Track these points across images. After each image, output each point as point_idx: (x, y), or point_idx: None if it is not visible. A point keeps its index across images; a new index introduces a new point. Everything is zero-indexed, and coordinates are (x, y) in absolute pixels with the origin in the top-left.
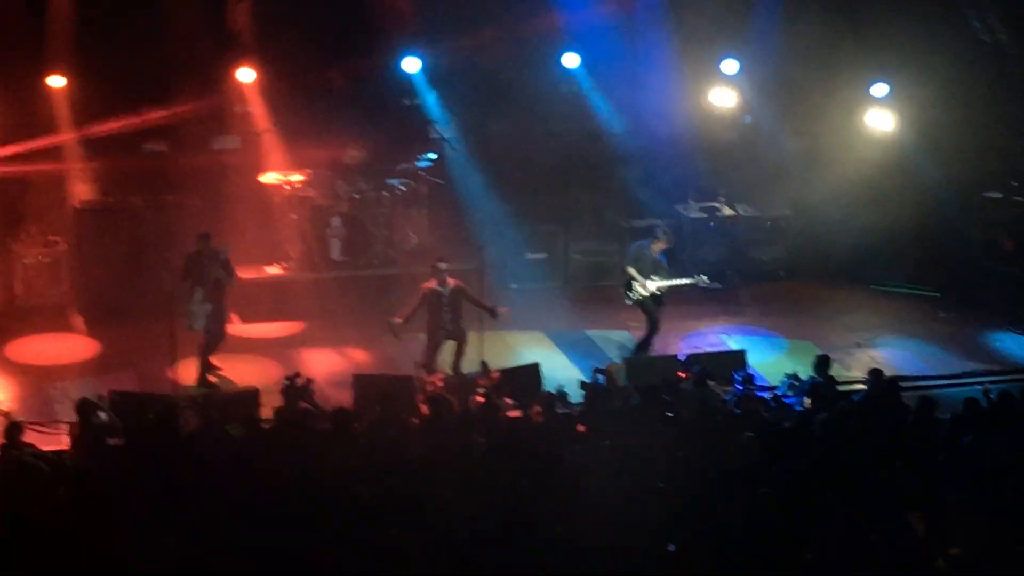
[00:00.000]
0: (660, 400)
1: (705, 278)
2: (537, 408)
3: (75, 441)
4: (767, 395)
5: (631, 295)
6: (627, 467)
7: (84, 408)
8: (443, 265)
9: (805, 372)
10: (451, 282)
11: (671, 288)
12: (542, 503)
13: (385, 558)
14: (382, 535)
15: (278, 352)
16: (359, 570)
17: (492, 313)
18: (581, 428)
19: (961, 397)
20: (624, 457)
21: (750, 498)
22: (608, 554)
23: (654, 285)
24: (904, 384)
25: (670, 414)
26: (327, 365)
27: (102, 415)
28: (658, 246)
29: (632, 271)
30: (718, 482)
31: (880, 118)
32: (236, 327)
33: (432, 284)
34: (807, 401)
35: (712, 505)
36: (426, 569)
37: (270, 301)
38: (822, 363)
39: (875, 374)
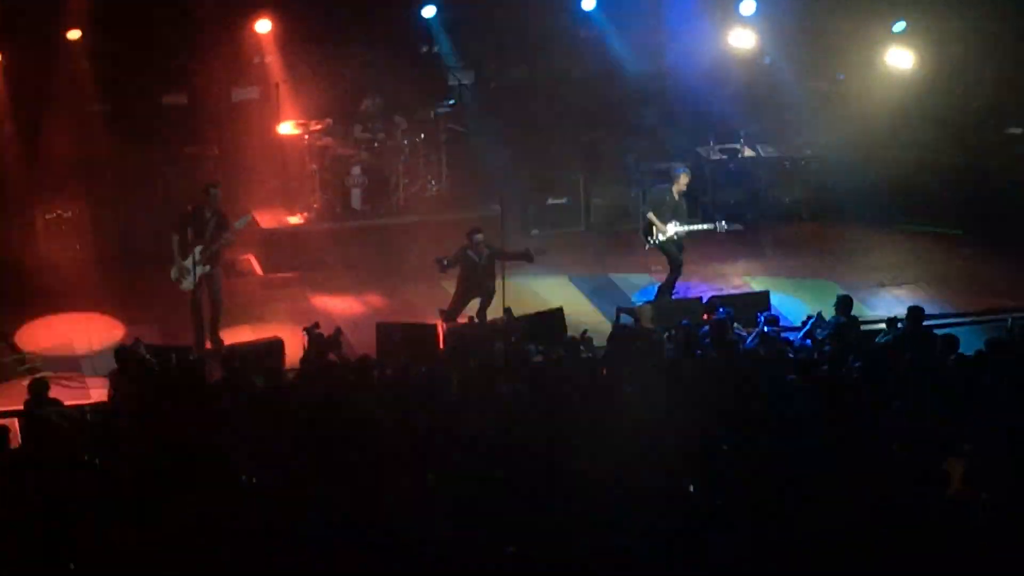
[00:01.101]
0: (684, 341)
1: (724, 224)
2: (561, 353)
3: (112, 391)
4: (792, 336)
5: (650, 240)
6: (651, 408)
7: (123, 356)
8: (479, 237)
9: (828, 312)
10: (485, 250)
11: (690, 233)
12: (567, 446)
13: (410, 503)
14: (408, 480)
15: (300, 302)
16: (384, 515)
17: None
18: (603, 371)
19: (985, 335)
20: (648, 398)
21: (779, 439)
22: (631, 494)
23: (673, 229)
24: (928, 323)
25: (697, 353)
26: (349, 314)
27: (144, 353)
28: (677, 189)
29: (651, 216)
30: (742, 422)
31: (900, 56)
32: (258, 278)
33: (468, 250)
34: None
35: (736, 445)
36: (452, 513)
37: (291, 251)
38: (845, 303)
39: (914, 312)
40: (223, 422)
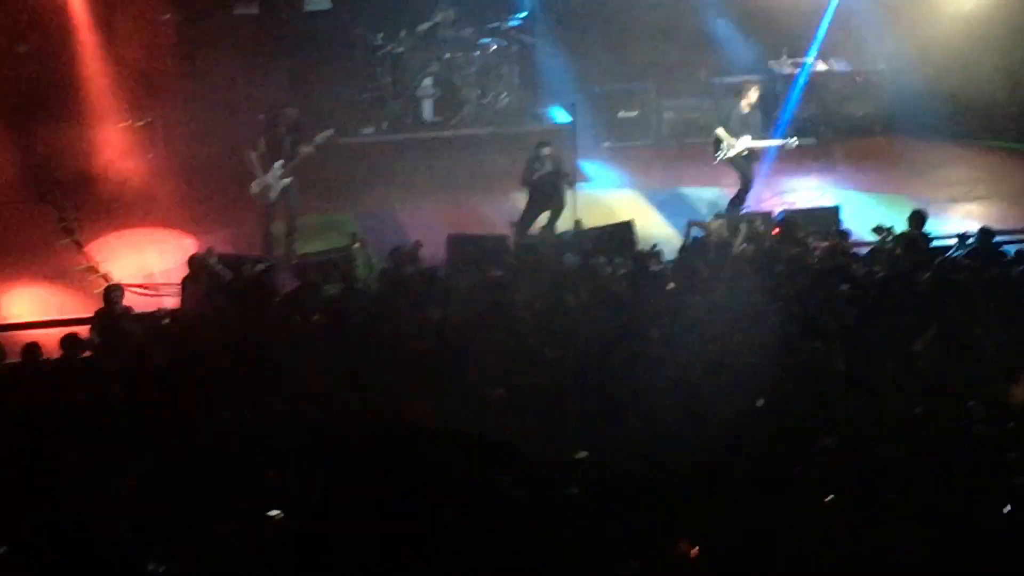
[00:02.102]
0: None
1: (795, 140)
2: (630, 266)
3: (185, 298)
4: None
5: (719, 154)
6: (718, 320)
7: (195, 264)
8: (546, 150)
9: (901, 227)
10: (553, 162)
11: (760, 148)
12: (635, 358)
13: (476, 412)
14: (471, 389)
15: (374, 214)
16: (452, 422)
17: (570, 182)
18: (671, 285)
19: None
20: (716, 310)
21: (845, 353)
22: (695, 409)
23: (742, 144)
24: (1000, 238)
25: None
26: (421, 225)
27: (215, 265)
28: (746, 103)
29: (720, 131)
30: (808, 337)
31: None
32: (331, 189)
33: (535, 162)
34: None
35: (806, 361)
36: (518, 424)
37: (364, 163)
38: (917, 218)
39: (984, 232)
40: (294, 331)
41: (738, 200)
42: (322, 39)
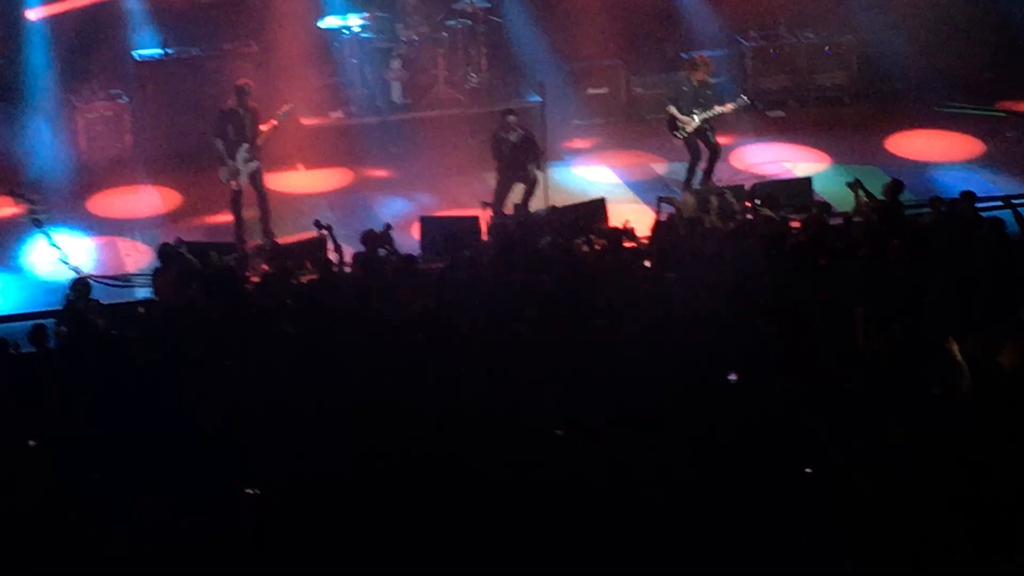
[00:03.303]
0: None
1: (744, 98)
2: (603, 242)
3: (157, 289)
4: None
5: (677, 134)
6: (693, 297)
7: (166, 253)
8: (512, 118)
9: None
10: (520, 130)
11: (716, 116)
12: (609, 336)
13: (446, 395)
14: (445, 373)
15: (344, 197)
16: (424, 407)
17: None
18: (647, 263)
19: None
20: (690, 287)
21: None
22: (669, 385)
23: (699, 118)
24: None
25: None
26: (393, 208)
27: (185, 253)
28: (697, 77)
29: (671, 109)
30: (785, 311)
31: None
32: (301, 174)
33: (501, 131)
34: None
35: (781, 334)
36: (489, 407)
37: (333, 147)
38: (895, 189)
39: (966, 196)
40: (264, 319)
41: (707, 173)
42: (290, 22)
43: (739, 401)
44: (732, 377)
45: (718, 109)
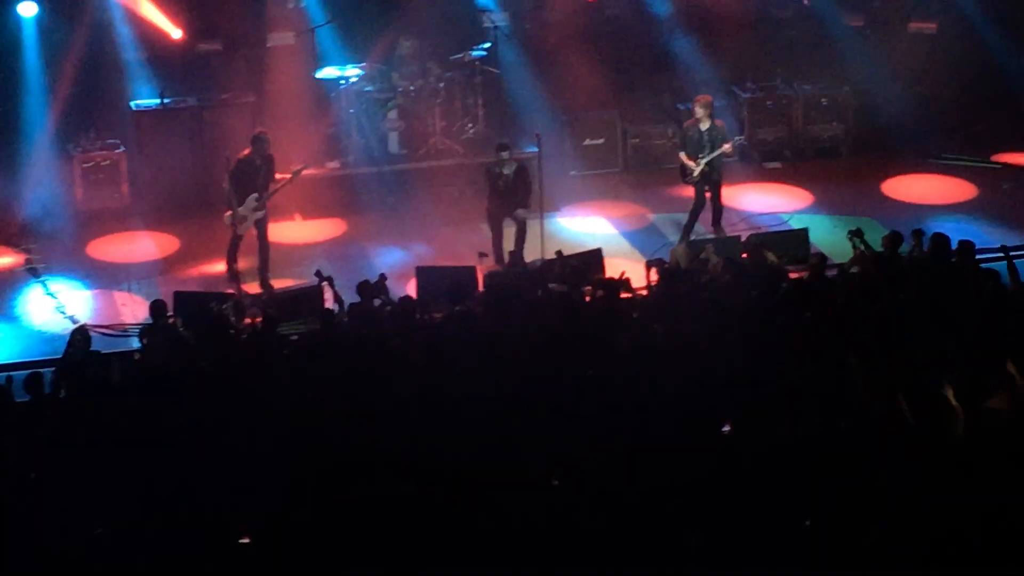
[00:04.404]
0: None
1: (740, 138)
2: (600, 293)
3: (147, 344)
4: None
5: (688, 180)
6: (683, 351)
7: (157, 310)
8: (504, 154)
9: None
10: (514, 164)
11: (717, 158)
12: (602, 384)
13: (439, 448)
14: (439, 425)
15: (340, 247)
16: (420, 455)
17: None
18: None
19: None
20: (679, 342)
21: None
22: (661, 438)
23: (703, 161)
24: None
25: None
26: (389, 258)
27: (172, 320)
28: (697, 123)
29: (682, 156)
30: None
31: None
32: (298, 224)
33: (494, 167)
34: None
35: (778, 382)
36: (488, 451)
37: (330, 197)
38: (895, 240)
39: (964, 246)
40: (257, 371)
41: (715, 220)
42: (287, 73)
43: (735, 451)
44: (725, 428)
45: (717, 152)
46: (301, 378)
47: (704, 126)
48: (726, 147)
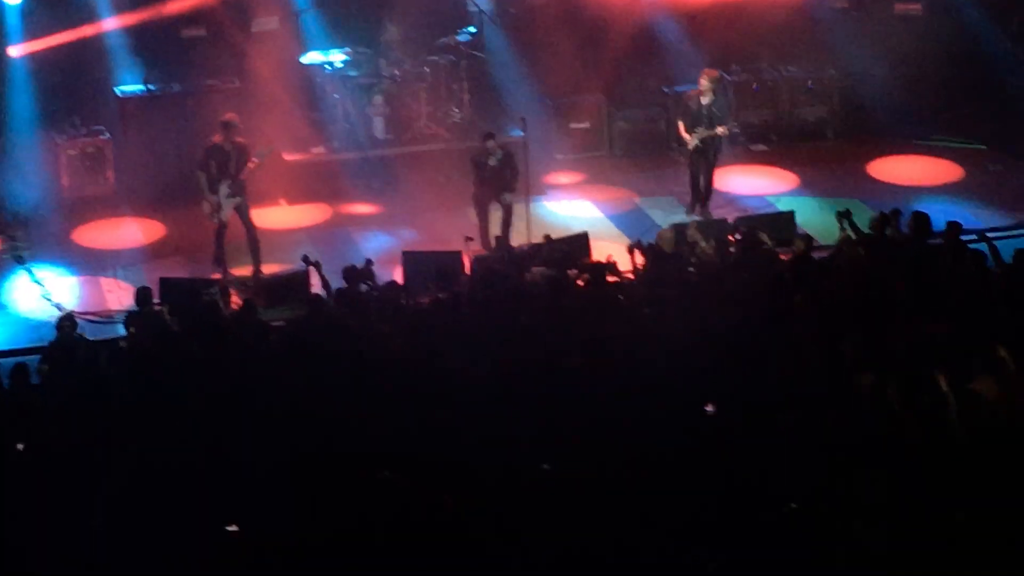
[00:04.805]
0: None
1: (733, 125)
2: (586, 276)
3: (133, 331)
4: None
5: (680, 151)
6: (669, 333)
7: (142, 297)
8: (491, 143)
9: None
10: (500, 152)
11: (717, 138)
12: (592, 371)
13: (426, 436)
14: (426, 411)
15: (326, 233)
16: (408, 443)
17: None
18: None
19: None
20: (665, 323)
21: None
22: (647, 420)
23: (698, 137)
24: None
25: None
26: (375, 243)
27: (158, 307)
28: (699, 95)
29: (680, 126)
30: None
31: None
32: (283, 209)
33: (480, 156)
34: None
35: (752, 365)
36: (480, 437)
37: (315, 182)
38: (883, 222)
39: (952, 226)
40: (244, 360)
41: (704, 199)
42: (272, 58)
43: (726, 437)
44: (709, 408)
45: (715, 130)
46: (288, 366)
47: (705, 100)
48: (720, 129)
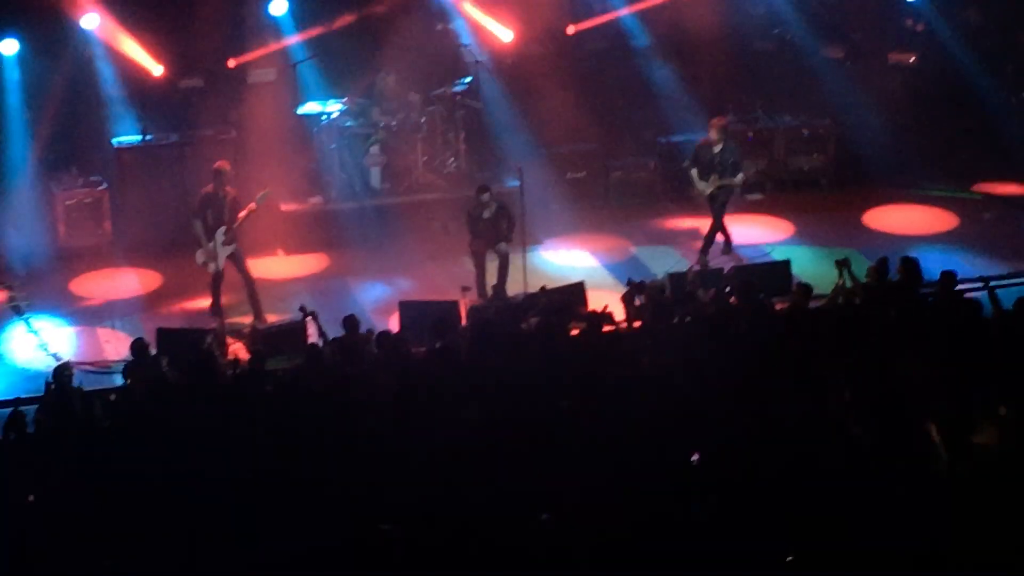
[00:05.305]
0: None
1: (740, 177)
2: (584, 326)
3: (131, 382)
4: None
5: (695, 194)
6: (663, 381)
7: (139, 348)
8: (485, 196)
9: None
10: (495, 204)
11: (725, 186)
12: (586, 419)
13: (423, 486)
14: (422, 462)
15: (323, 282)
16: (401, 496)
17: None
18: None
19: (1011, 298)
20: (660, 373)
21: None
22: (633, 469)
23: (712, 186)
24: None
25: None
26: (372, 293)
27: (156, 357)
28: (710, 144)
29: (693, 173)
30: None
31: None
32: (280, 259)
33: (474, 209)
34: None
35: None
36: (472, 489)
37: (312, 232)
38: (880, 271)
39: (947, 276)
40: (242, 410)
41: (706, 245)
42: (268, 110)
43: (717, 481)
44: (694, 459)
45: (729, 180)
46: (284, 416)
47: (716, 148)
48: (737, 180)
